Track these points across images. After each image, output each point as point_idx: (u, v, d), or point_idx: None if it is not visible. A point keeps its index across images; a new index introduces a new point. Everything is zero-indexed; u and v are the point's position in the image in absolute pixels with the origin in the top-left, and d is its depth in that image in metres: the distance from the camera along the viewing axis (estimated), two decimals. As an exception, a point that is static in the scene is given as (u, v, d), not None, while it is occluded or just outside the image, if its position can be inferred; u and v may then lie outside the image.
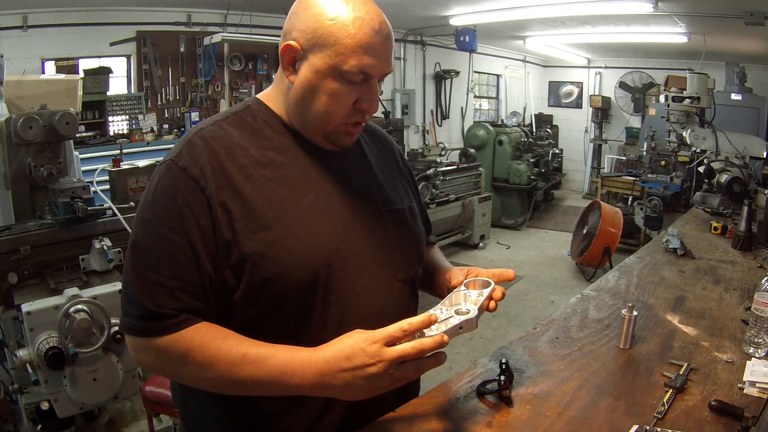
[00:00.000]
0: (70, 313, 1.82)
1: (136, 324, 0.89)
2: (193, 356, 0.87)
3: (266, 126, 0.99)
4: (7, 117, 2.40)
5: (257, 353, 0.86)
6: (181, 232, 0.88)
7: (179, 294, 0.88)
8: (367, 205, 1.03)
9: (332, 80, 0.91)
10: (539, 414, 1.04)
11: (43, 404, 2.14)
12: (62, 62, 4.24)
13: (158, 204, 0.90)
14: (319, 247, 0.93)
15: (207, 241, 0.88)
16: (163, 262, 0.88)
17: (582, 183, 9.68)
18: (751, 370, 1.19)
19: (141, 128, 4.71)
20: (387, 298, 1.01)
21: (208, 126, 0.96)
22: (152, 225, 0.90)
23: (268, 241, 0.89)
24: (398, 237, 1.05)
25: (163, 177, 0.91)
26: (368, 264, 0.99)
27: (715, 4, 4.31)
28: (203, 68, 5.03)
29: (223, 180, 0.90)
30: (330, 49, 0.89)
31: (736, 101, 6.21)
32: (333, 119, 0.94)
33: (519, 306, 4.61)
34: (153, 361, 0.93)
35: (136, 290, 0.89)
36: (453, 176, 5.84)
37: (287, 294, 0.91)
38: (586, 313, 1.56)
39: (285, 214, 0.92)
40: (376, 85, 0.95)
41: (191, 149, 0.92)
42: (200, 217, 0.88)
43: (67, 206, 2.27)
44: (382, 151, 1.16)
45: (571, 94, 9.80)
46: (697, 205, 3.23)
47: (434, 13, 5.62)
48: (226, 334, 0.89)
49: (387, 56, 0.93)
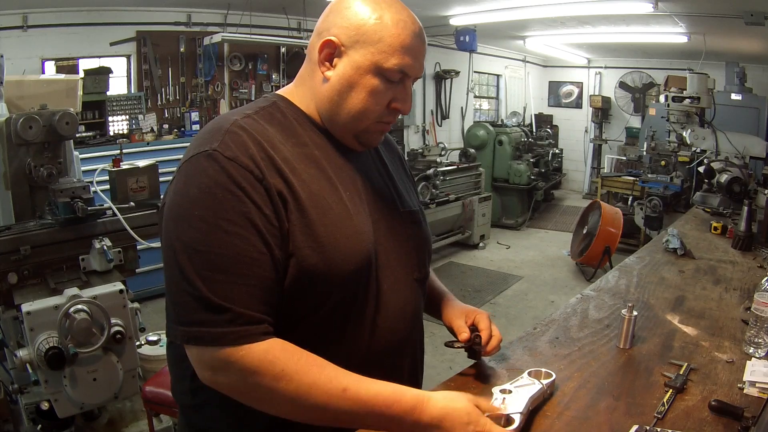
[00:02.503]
0: (70, 313, 1.82)
1: (216, 331, 0.79)
2: (287, 382, 0.80)
3: (296, 123, 0.97)
4: (7, 117, 2.40)
5: (360, 390, 0.83)
6: (246, 225, 0.81)
7: (261, 294, 0.82)
8: (388, 206, 1.04)
9: (372, 77, 0.92)
10: (539, 414, 1.04)
11: (43, 404, 2.14)
12: (62, 62, 4.24)
13: (209, 198, 0.82)
14: (362, 245, 0.93)
15: (272, 231, 0.84)
16: (233, 260, 0.81)
17: (582, 183, 9.67)
18: (751, 370, 1.19)
19: (141, 128, 4.71)
20: (407, 297, 1.03)
21: (242, 118, 0.91)
22: (207, 222, 0.81)
23: (318, 236, 0.88)
24: (414, 237, 1.07)
25: (208, 168, 0.83)
26: (392, 264, 1.01)
27: (715, 4, 4.31)
28: (203, 68, 5.03)
29: (274, 170, 0.86)
30: (374, 46, 0.90)
31: (736, 101, 6.21)
32: (368, 117, 0.95)
33: (519, 306, 4.61)
34: (237, 382, 0.82)
35: (211, 294, 0.79)
36: (453, 176, 5.84)
37: (330, 292, 0.90)
38: (586, 313, 1.56)
39: (330, 211, 0.91)
40: (411, 86, 0.97)
41: (235, 139, 0.86)
42: (263, 207, 0.83)
43: (67, 206, 2.27)
44: (391, 153, 1.18)
45: (571, 94, 9.79)
46: (697, 205, 3.23)
47: (434, 13, 5.61)
48: (322, 363, 0.84)
49: (422, 59, 0.96)
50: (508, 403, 0.97)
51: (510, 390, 1.02)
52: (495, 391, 1.02)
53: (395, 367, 1.02)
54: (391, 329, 0.99)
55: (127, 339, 1.96)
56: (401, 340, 1.02)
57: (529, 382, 1.07)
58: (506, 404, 0.97)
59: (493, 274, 5.29)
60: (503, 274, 5.31)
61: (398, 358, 1.03)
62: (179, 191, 0.86)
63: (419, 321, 1.10)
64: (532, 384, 1.06)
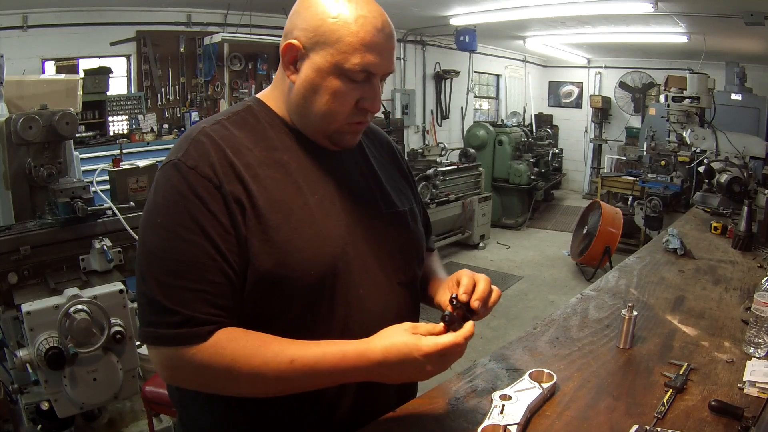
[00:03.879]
0: (70, 313, 1.82)
1: (168, 333, 0.85)
2: (239, 368, 0.85)
3: (268, 126, 0.97)
4: (7, 117, 2.40)
5: (305, 357, 0.86)
6: (200, 233, 0.85)
7: (210, 297, 0.85)
8: (369, 208, 1.02)
9: (334, 78, 0.89)
10: (539, 414, 1.04)
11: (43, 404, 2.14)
12: (62, 62, 4.24)
13: (170, 206, 0.87)
14: (326, 250, 0.92)
15: (228, 239, 0.86)
16: (186, 266, 0.85)
17: (582, 183, 9.67)
18: (751, 370, 1.19)
19: (141, 128, 4.71)
20: (387, 301, 1.01)
21: (210, 125, 0.94)
22: (167, 229, 0.86)
23: (276, 242, 0.88)
24: (399, 240, 1.05)
25: (172, 177, 0.88)
26: (370, 267, 0.99)
27: (715, 4, 4.31)
28: (203, 68, 5.03)
29: (233, 176, 0.88)
30: (332, 47, 0.88)
31: (736, 101, 6.21)
32: (335, 118, 0.93)
33: (519, 306, 4.61)
34: (193, 377, 0.89)
35: (164, 298, 0.84)
36: (453, 176, 5.84)
37: (293, 297, 0.90)
38: (586, 313, 1.56)
39: (292, 216, 0.90)
40: (379, 84, 0.94)
41: (198, 147, 0.89)
42: (219, 215, 0.86)
43: (67, 206, 2.27)
44: (381, 151, 1.15)
45: (571, 94, 9.79)
46: (697, 205, 3.23)
47: (434, 13, 5.61)
48: (266, 340, 0.87)
49: (389, 55, 0.92)
50: (507, 412, 0.98)
51: (510, 396, 1.02)
52: (495, 397, 1.02)
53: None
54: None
55: (127, 339, 1.96)
56: None
57: (530, 385, 1.07)
58: (505, 413, 0.97)
59: (493, 274, 5.29)
60: (503, 274, 5.31)
61: None
62: (149, 199, 0.92)
63: None
64: (533, 388, 1.06)
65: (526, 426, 0.99)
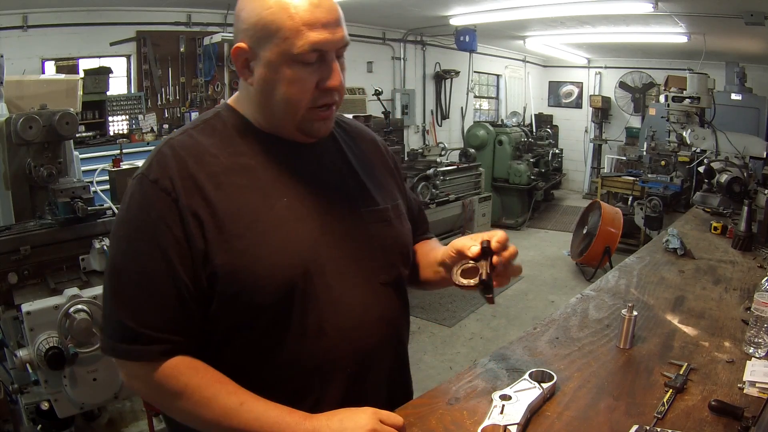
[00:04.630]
0: (70, 313, 1.82)
1: (120, 346, 0.88)
2: (190, 395, 0.86)
3: (236, 132, 0.96)
4: (7, 117, 2.40)
5: (255, 404, 0.86)
6: (155, 247, 0.86)
7: (160, 312, 0.86)
8: (345, 206, 1.00)
9: (286, 68, 0.87)
10: (539, 414, 1.04)
11: (43, 404, 2.14)
12: (62, 62, 4.24)
13: (132, 221, 0.89)
14: (294, 255, 0.91)
15: (182, 253, 0.86)
16: (141, 280, 0.87)
17: (582, 183, 9.67)
18: (751, 370, 1.19)
19: (141, 128, 4.71)
20: (367, 303, 0.98)
21: (177, 136, 0.94)
22: (127, 242, 0.89)
23: (239, 251, 0.87)
24: (380, 238, 1.02)
25: (135, 192, 0.90)
26: (348, 268, 0.96)
27: (715, 4, 4.31)
28: (203, 68, 5.03)
29: (193, 189, 0.88)
30: (275, 37, 0.86)
31: (736, 101, 6.21)
32: (298, 106, 0.91)
33: (519, 306, 4.61)
34: (146, 390, 0.92)
35: (118, 311, 0.87)
36: (453, 176, 5.83)
37: (263, 304, 0.89)
38: (586, 313, 1.56)
39: (257, 222, 0.89)
40: (335, 60, 0.91)
41: (160, 161, 0.90)
42: (174, 229, 0.86)
43: (67, 206, 2.27)
44: (362, 148, 1.11)
45: (571, 94, 9.79)
46: (697, 205, 3.22)
47: (434, 13, 5.61)
48: (224, 380, 0.88)
49: (335, 27, 0.88)
50: (507, 412, 0.97)
51: (510, 396, 1.02)
52: (495, 397, 1.02)
53: (355, 382, 0.98)
54: (343, 339, 0.95)
55: (127, 339, 1.96)
56: (360, 351, 0.97)
57: (530, 385, 1.07)
58: (505, 413, 0.97)
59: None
60: (503, 274, 5.30)
61: (358, 372, 0.98)
62: (118, 212, 0.95)
63: (391, 328, 1.04)
64: (533, 388, 1.06)
65: (526, 426, 0.99)
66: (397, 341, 1.08)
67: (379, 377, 1.03)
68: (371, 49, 6.51)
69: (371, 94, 5.46)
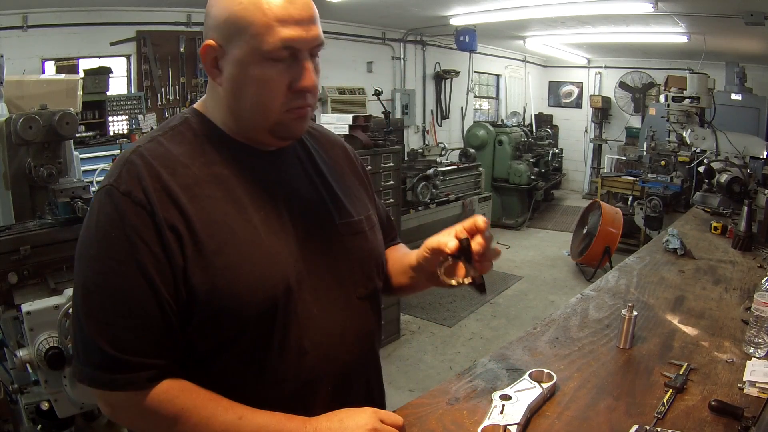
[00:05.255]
0: (70, 313, 1.82)
1: (102, 375, 0.80)
2: (187, 418, 0.82)
3: (206, 140, 0.90)
4: (7, 117, 2.40)
5: (254, 416, 0.84)
6: (133, 265, 0.79)
7: (144, 335, 0.81)
8: (321, 220, 0.96)
9: (256, 66, 0.82)
10: (539, 414, 1.04)
11: (43, 404, 2.14)
12: (62, 62, 4.24)
13: (103, 237, 0.81)
14: (275, 270, 0.87)
15: (162, 269, 0.80)
16: (118, 302, 0.80)
17: (582, 183, 9.67)
18: (751, 370, 1.19)
19: (141, 128, 4.71)
20: (346, 318, 0.95)
21: (145, 144, 0.87)
22: (100, 261, 0.81)
23: (218, 268, 0.82)
24: (356, 251, 0.99)
25: (105, 205, 0.82)
26: (325, 284, 0.93)
27: (715, 4, 4.31)
28: (203, 68, 5.03)
29: (168, 201, 0.82)
30: (246, 33, 0.81)
31: (736, 101, 6.21)
32: (270, 109, 0.86)
33: (519, 306, 4.61)
34: (136, 420, 0.86)
35: (95, 337, 0.80)
36: (453, 176, 5.83)
37: (244, 323, 0.85)
38: (586, 313, 1.56)
39: (235, 236, 0.84)
40: (308, 59, 0.85)
41: (131, 170, 0.83)
42: (152, 245, 0.80)
43: (67, 206, 2.27)
44: (332, 156, 1.07)
45: (571, 94, 9.79)
46: (697, 205, 3.23)
47: (434, 13, 5.61)
48: (216, 397, 0.85)
49: (309, 24, 0.83)
50: (506, 412, 0.97)
51: (510, 396, 1.02)
52: (495, 397, 1.02)
53: (338, 395, 0.95)
54: (324, 356, 0.92)
55: (127, 339, 1.96)
56: (342, 366, 0.95)
57: (530, 385, 1.07)
58: (505, 413, 0.97)
59: (493, 274, 5.29)
60: (503, 274, 5.30)
61: (341, 386, 0.96)
62: (84, 227, 0.86)
63: (368, 344, 1.02)
64: (533, 388, 1.06)
65: (526, 426, 0.99)
66: (374, 355, 1.07)
67: (359, 389, 1.01)
68: (371, 49, 6.50)
69: (371, 94, 5.46)
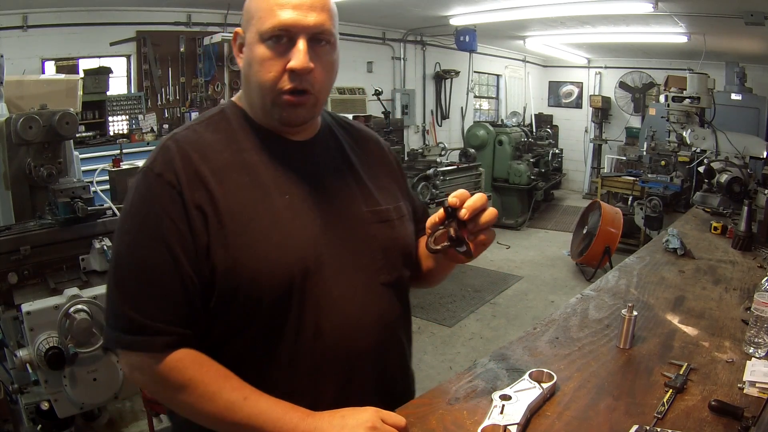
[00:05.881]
0: (70, 313, 1.82)
1: (124, 337, 0.88)
2: (193, 388, 0.87)
3: (240, 129, 0.97)
4: (7, 117, 2.40)
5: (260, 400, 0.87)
6: (160, 240, 0.86)
7: (165, 304, 0.87)
8: (347, 206, 1.00)
9: (258, 47, 0.90)
10: (539, 414, 1.04)
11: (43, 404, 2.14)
12: (62, 62, 4.24)
13: (136, 213, 0.90)
14: (294, 252, 0.91)
15: (186, 246, 0.87)
16: (144, 273, 0.87)
17: (582, 183, 9.67)
18: (751, 370, 1.19)
19: (141, 128, 4.71)
20: (367, 302, 0.98)
21: (182, 131, 0.96)
22: (131, 235, 0.90)
23: (238, 246, 0.88)
24: (381, 238, 1.02)
25: (140, 186, 0.91)
26: (347, 267, 0.96)
27: (715, 4, 4.31)
28: (203, 68, 5.03)
29: (197, 183, 0.89)
30: (254, 19, 0.91)
31: (736, 101, 6.21)
32: (266, 88, 0.91)
33: (519, 306, 4.61)
34: (149, 383, 0.92)
35: (122, 303, 0.88)
36: (453, 176, 5.83)
37: (261, 301, 0.89)
38: (586, 313, 1.56)
39: (257, 219, 0.90)
40: (305, 44, 0.89)
41: (165, 155, 0.91)
42: (178, 222, 0.87)
43: (67, 206, 2.27)
44: (365, 149, 1.12)
45: (571, 94, 9.79)
46: (697, 205, 3.22)
47: (434, 13, 5.61)
48: (228, 374, 0.89)
49: (307, 10, 0.88)
50: (506, 412, 0.97)
51: (510, 396, 1.02)
52: (495, 397, 1.02)
53: (352, 377, 0.97)
54: (341, 338, 0.94)
55: (127, 339, 1.96)
56: (357, 350, 0.97)
57: (530, 385, 1.07)
58: (505, 413, 0.97)
59: (493, 274, 5.29)
60: (503, 274, 5.31)
61: (357, 369, 0.98)
62: (123, 205, 0.95)
63: (390, 330, 1.03)
64: (533, 388, 1.06)
65: (526, 426, 0.99)
66: (396, 343, 1.07)
67: (373, 375, 1.02)
68: (371, 49, 6.51)
69: (371, 94, 5.46)
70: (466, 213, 0.89)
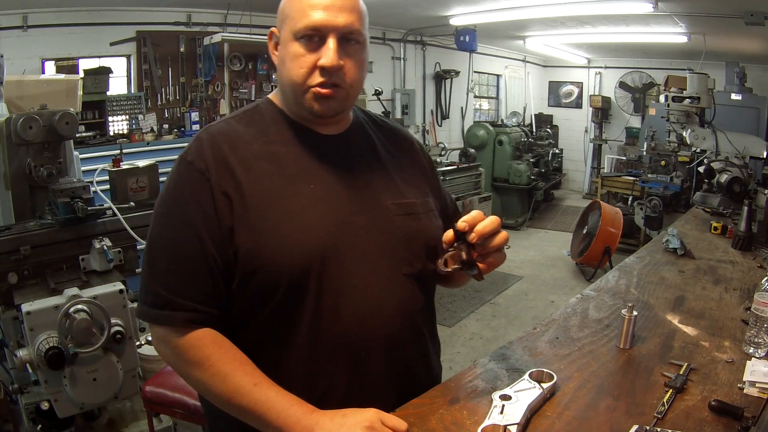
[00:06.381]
0: (70, 313, 1.82)
1: (151, 311, 0.95)
2: (208, 366, 0.92)
3: (271, 122, 1.04)
4: (7, 117, 2.40)
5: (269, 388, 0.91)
6: (187, 222, 0.94)
7: (189, 282, 0.93)
8: (372, 197, 1.03)
9: (291, 45, 0.96)
10: (539, 414, 1.04)
11: (43, 404, 2.14)
12: (62, 62, 4.23)
13: (169, 198, 0.98)
14: (313, 238, 0.95)
15: (212, 229, 0.93)
16: (172, 253, 0.95)
17: (582, 183, 9.67)
18: (751, 370, 1.19)
19: (141, 128, 4.71)
20: (388, 291, 1.01)
21: (216, 124, 1.03)
22: (164, 218, 0.98)
23: (261, 230, 0.93)
24: (405, 229, 1.04)
25: (175, 173, 0.99)
26: (369, 256, 1.00)
27: (715, 4, 4.31)
28: (203, 68, 5.03)
29: (224, 170, 0.95)
30: (288, 18, 0.97)
31: (736, 101, 6.21)
32: (297, 82, 0.96)
33: (519, 306, 4.61)
34: (169, 355, 0.98)
35: (151, 280, 0.95)
36: (453, 176, 5.84)
37: (278, 283, 0.94)
38: (586, 313, 1.56)
39: (281, 205, 0.95)
40: (335, 43, 0.94)
41: (198, 144, 0.98)
42: (204, 205, 0.93)
43: (67, 206, 2.27)
44: (396, 146, 1.16)
45: (571, 94, 9.79)
46: (697, 205, 3.22)
47: (434, 13, 5.61)
48: (244, 359, 0.94)
49: (337, 11, 0.94)
50: (506, 412, 0.98)
51: (510, 396, 1.02)
52: (495, 397, 1.02)
53: (368, 364, 1.00)
54: (360, 323, 0.97)
55: (127, 339, 1.96)
56: (376, 336, 0.99)
57: (530, 385, 1.07)
58: (505, 413, 0.97)
59: (493, 274, 5.23)
60: (503, 274, 5.30)
61: (372, 355, 1.00)
62: (161, 192, 1.03)
63: (410, 320, 1.05)
64: (533, 388, 1.06)
65: (526, 426, 0.99)
66: (417, 333, 1.08)
67: (390, 367, 1.03)
68: (371, 49, 6.32)
69: (371, 94, 5.46)
70: (475, 237, 0.93)
